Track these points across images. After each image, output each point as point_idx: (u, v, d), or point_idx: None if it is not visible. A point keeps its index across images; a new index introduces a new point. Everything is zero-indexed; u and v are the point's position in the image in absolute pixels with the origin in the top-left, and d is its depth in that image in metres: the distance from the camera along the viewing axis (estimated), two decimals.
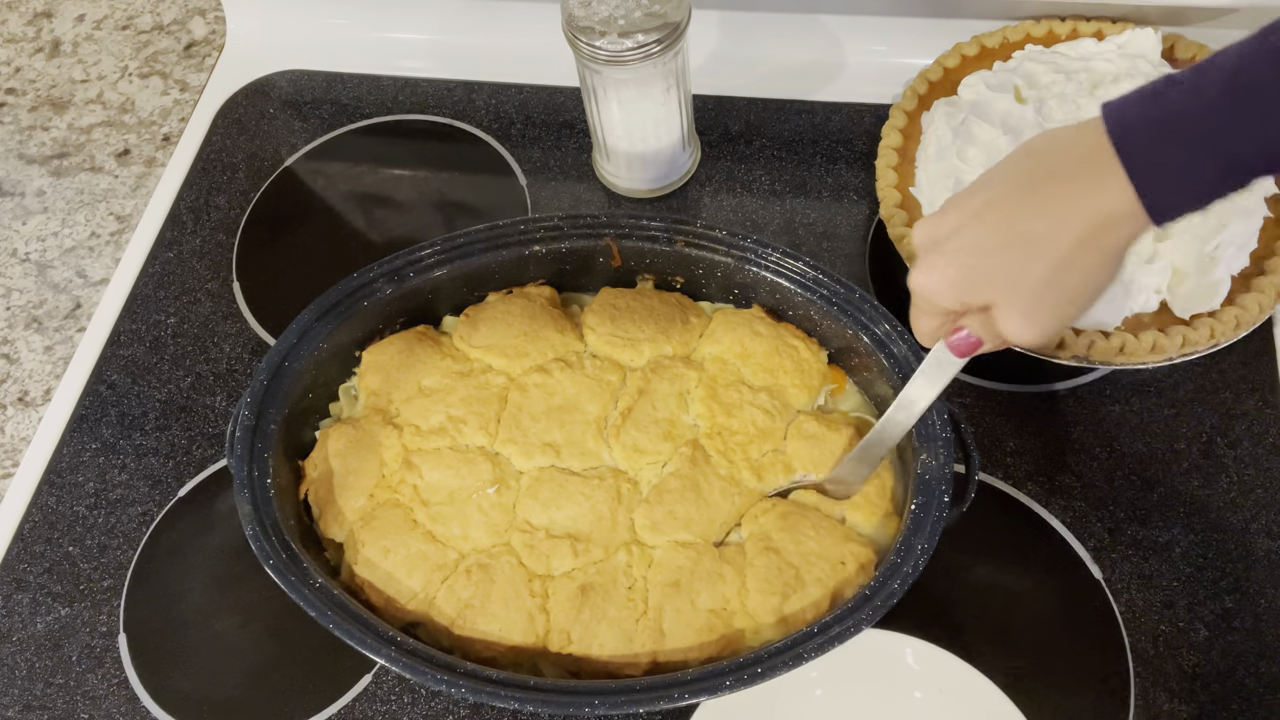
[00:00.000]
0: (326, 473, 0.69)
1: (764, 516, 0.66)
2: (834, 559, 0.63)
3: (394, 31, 0.99)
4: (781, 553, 0.64)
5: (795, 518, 0.65)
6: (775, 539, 0.64)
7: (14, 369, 0.88)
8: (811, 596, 0.62)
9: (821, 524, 0.65)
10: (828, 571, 0.63)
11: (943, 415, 0.63)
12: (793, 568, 0.63)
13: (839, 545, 0.64)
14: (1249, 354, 0.75)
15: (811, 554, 0.64)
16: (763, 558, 0.64)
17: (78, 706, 0.70)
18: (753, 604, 0.63)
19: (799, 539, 0.64)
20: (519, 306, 0.74)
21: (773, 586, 0.63)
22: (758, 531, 0.65)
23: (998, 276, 0.51)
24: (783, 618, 0.62)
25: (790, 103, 0.91)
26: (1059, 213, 0.50)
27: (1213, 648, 0.65)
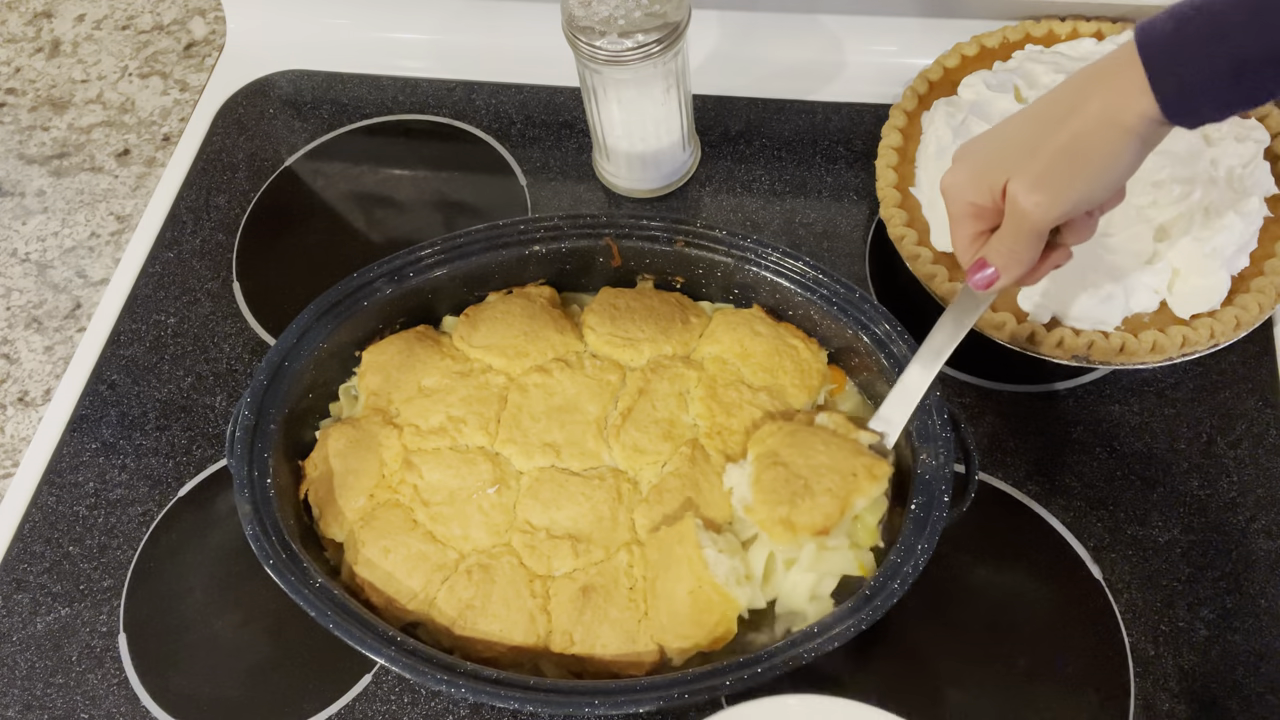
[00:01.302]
0: (326, 473, 0.69)
1: (771, 438, 0.65)
2: (845, 471, 0.62)
3: (394, 31, 0.99)
4: (790, 466, 0.63)
5: (804, 434, 0.64)
6: (783, 454, 0.63)
7: (14, 369, 0.88)
8: (821, 506, 0.61)
9: (832, 440, 0.64)
10: (839, 482, 0.62)
11: (943, 415, 0.63)
12: (801, 479, 0.62)
13: (851, 458, 0.63)
14: (1249, 354, 0.75)
15: (821, 466, 0.62)
16: (770, 471, 0.63)
17: (78, 706, 0.70)
18: (760, 515, 0.62)
19: (808, 453, 0.63)
20: (519, 306, 0.74)
21: (779, 496, 0.61)
22: (764, 451, 0.64)
23: (1014, 151, 0.55)
24: (790, 525, 0.61)
25: (790, 103, 0.91)
26: (1079, 96, 0.52)
27: (1213, 648, 0.65)
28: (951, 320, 0.63)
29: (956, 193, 0.58)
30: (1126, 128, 0.51)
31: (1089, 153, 0.52)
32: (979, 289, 0.60)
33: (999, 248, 0.58)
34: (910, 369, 0.64)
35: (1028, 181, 0.54)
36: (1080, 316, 0.71)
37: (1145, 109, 0.50)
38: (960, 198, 0.58)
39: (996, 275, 0.59)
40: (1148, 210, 0.72)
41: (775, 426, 0.66)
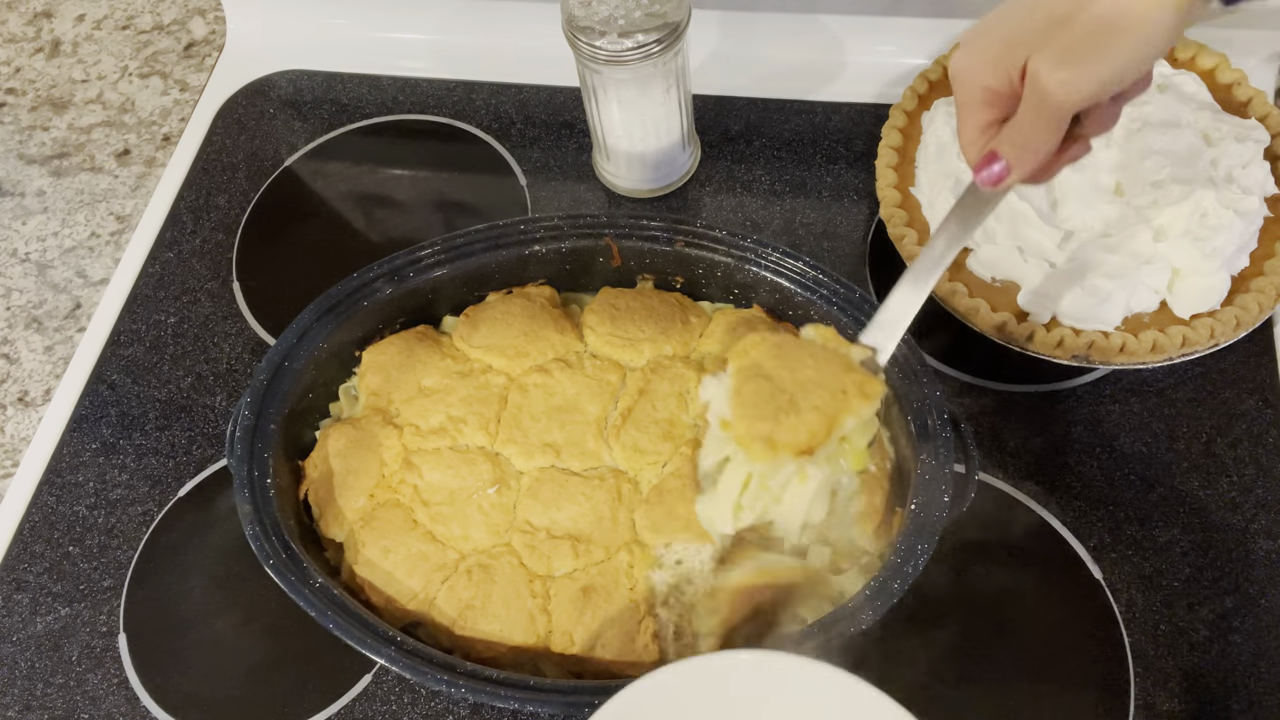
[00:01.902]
0: (326, 473, 0.69)
1: (755, 349, 0.59)
2: (835, 387, 0.57)
3: (394, 31, 0.99)
4: (774, 379, 0.57)
5: (791, 347, 0.59)
6: (767, 367, 0.58)
7: (14, 369, 0.87)
8: (807, 423, 0.55)
9: (821, 354, 0.58)
10: (827, 399, 0.56)
11: (943, 415, 0.63)
12: (786, 393, 0.56)
13: (841, 374, 0.57)
14: (1249, 354, 0.75)
15: (809, 381, 0.57)
16: (752, 384, 0.57)
17: (78, 706, 0.70)
18: (739, 430, 0.56)
19: (795, 367, 0.57)
20: (519, 306, 0.74)
21: (761, 411, 0.56)
22: (747, 364, 0.58)
23: (1037, 25, 0.49)
24: (772, 443, 0.56)
25: (790, 103, 0.91)
26: None
27: (1213, 648, 0.65)
28: (955, 226, 0.57)
29: (968, 76, 0.52)
30: (1173, 5, 0.46)
31: (1124, 24, 0.47)
32: (987, 186, 0.54)
33: (1013, 137, 0.52)
34: (903, 282, 0.59)
35: (1053, 56, 0.48)
36: (1080, 316, 0.71)
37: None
38: (972, 81, 0.52)
39: (1008, 169, 0.52)
40: (1148, 210, 0.72)
41: (759, 338, 0.59)
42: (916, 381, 0.65)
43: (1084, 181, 0.72)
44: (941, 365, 0.76)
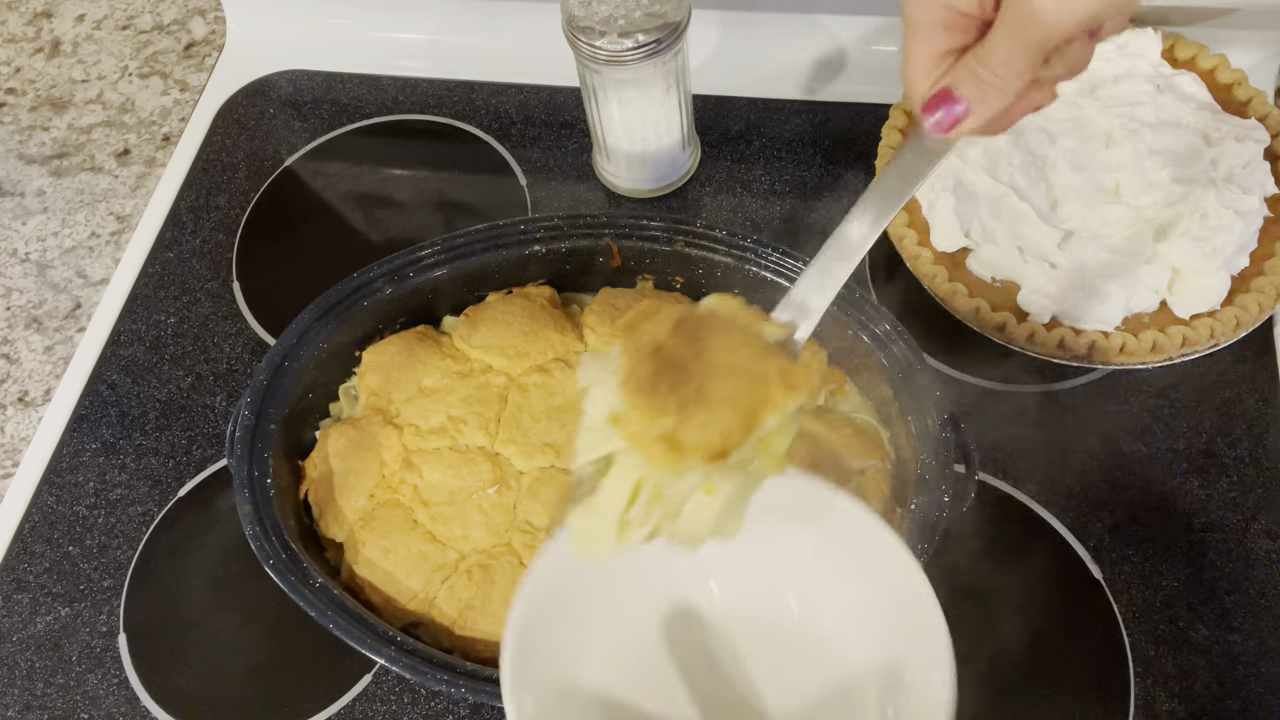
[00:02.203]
0: (326, 473, 0.69)
1: (649, 324, 0.47)
2: (753, 374, 0.46)
3: (394, 31, 0.99)
4: (675, 362, 0.46)
5: (695, 322, 0.47)
6: (668, 346, 0.46)
7: (14, 369, 0.87)
8: (719, 419, 0.44)
9: (732, 330, 0.47)
10: (743, 390, 0.45)
11: (943, 415, 0.63)
12: (691, 380, 0.45)
13: (760, 358, 0.47)
14: (1249, 354, 0.75)
15: (719, 366, 0.46)
16: (648, 365, 0.45)
17: (78, 706, 0.70)
18: (633, 426, 0.45)
19: (700, 347, 0.46)
20: (519, 306, 0.74)
21: (662, 403, 0.44)
22: (641, 342, 0.47)
23: None
24: (676, 444, 0.44)
25: (790, 103, 0.91)
26: None
27: (1213, 648, 0.65)
28: (878, 199, 0.48)
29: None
30: None
31: None
32: (939, 131, 0.44)
33: (978, 69, 0.42)
34: (830, 244, 0.49)
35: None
36: (1080, 316, 0.71)
37: None
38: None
39: (967, 111, 0.43)
40: (1147, 210, 0.72)
41: (652, 306, 0.48)
42: (916, 381, 0.65)
43: (1084, 181, 0.72)
44: (941, 365, 0.76)
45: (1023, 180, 0.74)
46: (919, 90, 0.44)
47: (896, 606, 0.52)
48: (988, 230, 0.73)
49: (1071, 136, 0.75)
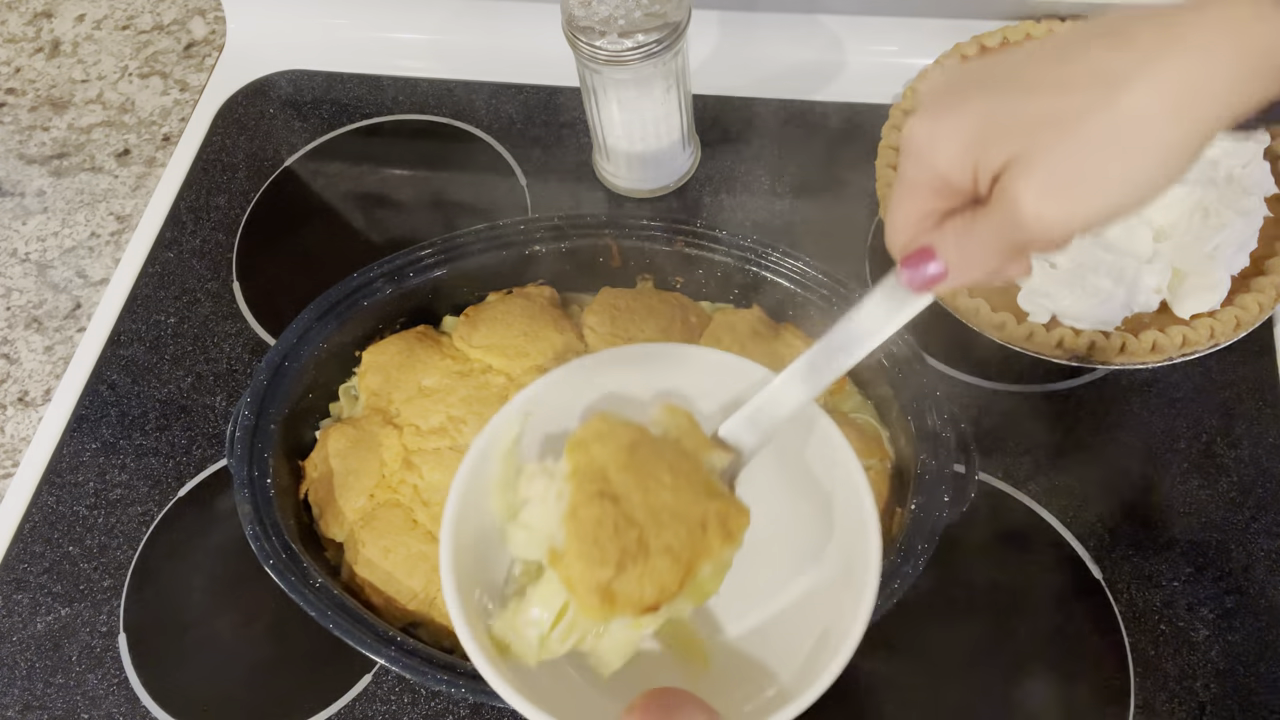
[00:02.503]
0: (326, 473, 0.69)
1: (600, 449, 0.46)
2: (694, 519, 0.46)
3: (394, 31, 0.99)
4: (622, 503, 0.45)
5: (645, 453, 0.47)
6: (615, 482, 0.45)
7: (14, 369, 0.87)
8: (656, 573, 0.44)
9: (680, 464, 0.47)
10: (683, 538, 0.45)
11: (943, 415, 0.63)
12: (635, 527, 0.44)
13: (702, 499, 0.46)
14: (1249, 354, 0.75)
15: (663, 509, 0.45)
16: (593, 507, 0.45)
17: (78, 706, 0.70)
18: (572, 571, 0.44)
19: (649, 484, 0.46)
20: (519, 306, 0.74)
21: (603, 552, 0.44)
22: (589, 468, 0.46)
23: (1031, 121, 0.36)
24: (610, 597, 0.44)
25: (790, 103, 0.91)
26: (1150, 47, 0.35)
27: (1213, 648, 0.65)
28: (863, 325, 0.49)
29: (926, 154, 0.40)
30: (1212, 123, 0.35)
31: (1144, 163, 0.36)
32: (913, 288, 0.44)
33: (963, 243, 0.41)
34: (789, 378, 0.49)
35: (1040, 182, 0.37)
36: (1080, 316, 0.71)
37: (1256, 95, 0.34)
38: (928, 162, 0.40)
39: (944, 274, 0.42)
40: (1147, 210, 0.71)
41: (605, 427, 0.47)
42: (916, 381, 0.65)
43: None
44: (941, 365, 0.76)
45: None
46: (899, 242, 0.44)
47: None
48: None
49: None
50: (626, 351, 0.58)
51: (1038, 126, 0.37)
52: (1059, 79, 0.36)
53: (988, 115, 0.38)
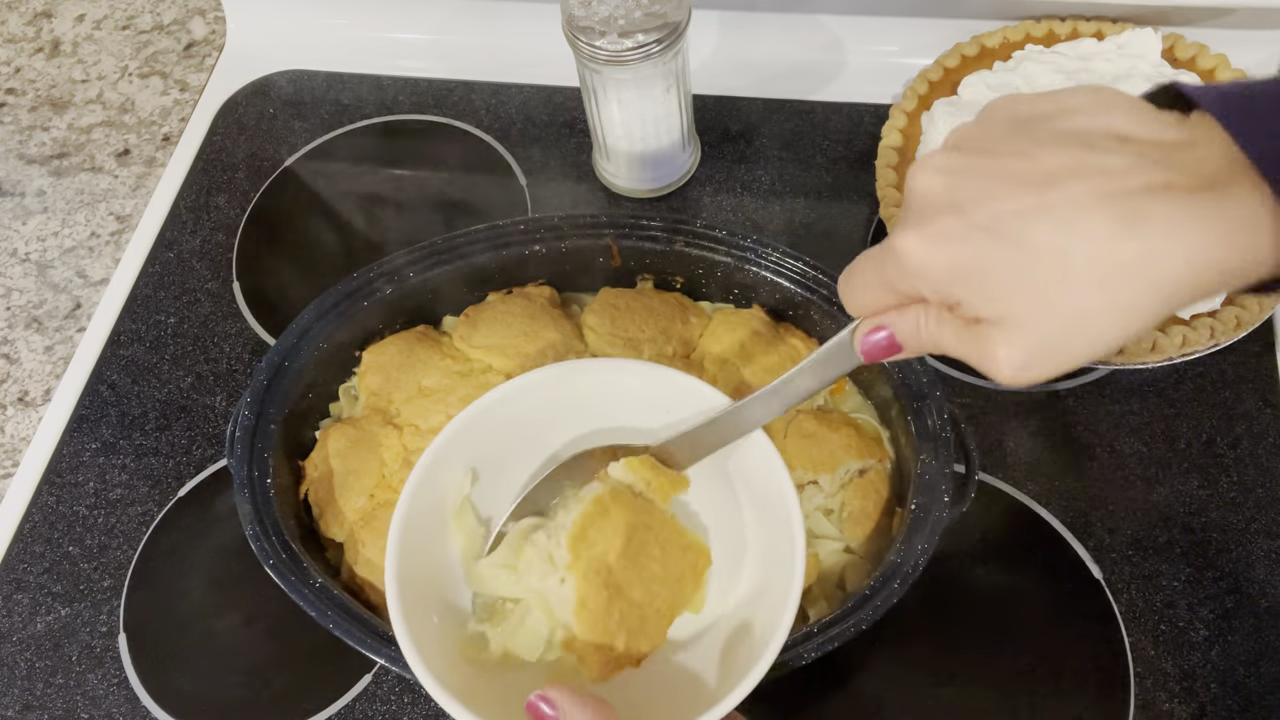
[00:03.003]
0: (326, 473, 0.69)
1: (602, 541, 0.51)
2: (674, 577, 0.53)
3: (394, 31, 0.99)
4: (625, 590, 0.51)
5: (639, 537, 0.52)
6: (617, 572, 0.51)
7: (14, 369, 0.88)
8: (649, 634, 0.51)
9: (665, 534, 0.53)
10: (668, 598, 0.52)
11: (943, 415, 0.63)
12: (636, 607, 0.51)
13: (680, 556, 0.53)
14: (1249, 354, 0.75)
15: (654, 579, 0.52)
16: (600, 595, 0.50)
17: (78, 706, 0.70)
18: (584, 650, 0.51)
19: (643, 565, 0.52)
20: (519, 306, 0.73)
21: (611, 632, 0.50)
22: (594, 565, 0.51)
23: (1029, 287, 0.35)
24: (615, 662, 0.51)
25: (790, 103, 0.91)
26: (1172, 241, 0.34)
27: (1213, 648, 0.65)
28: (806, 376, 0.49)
29: (914, 273, 0.38)
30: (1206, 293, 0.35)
31: (1122, 332, 0.35)
32: (867, 356, 0.43)
33: (922, 339, 0.41)
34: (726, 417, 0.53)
35: (1021, 349, 0.36)
36: None
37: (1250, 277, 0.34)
38: (911, 282, 0.39)
39: (897, 349, 0.42)
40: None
41: (599, 509, 0.52)
42: (916, 381, 0.65)
43: None
44: (941, 365, 0.76)
45: None
46: (856, 307, 0.43)
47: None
48: None
49: None
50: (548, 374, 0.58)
51: (1032, 297, 0.36)
52: (1066, 248, 0.34)
53: (986, 261, 0.36)
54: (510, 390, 0.57)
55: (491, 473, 0.58)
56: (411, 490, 0.54)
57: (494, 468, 0.58)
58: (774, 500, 0.54)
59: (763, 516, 0.56)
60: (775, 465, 0.54)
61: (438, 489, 0.56)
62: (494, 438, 0.57)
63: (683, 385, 0.56)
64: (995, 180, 0.36)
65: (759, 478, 0.55)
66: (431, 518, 0.56)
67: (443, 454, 0.56)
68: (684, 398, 0.56)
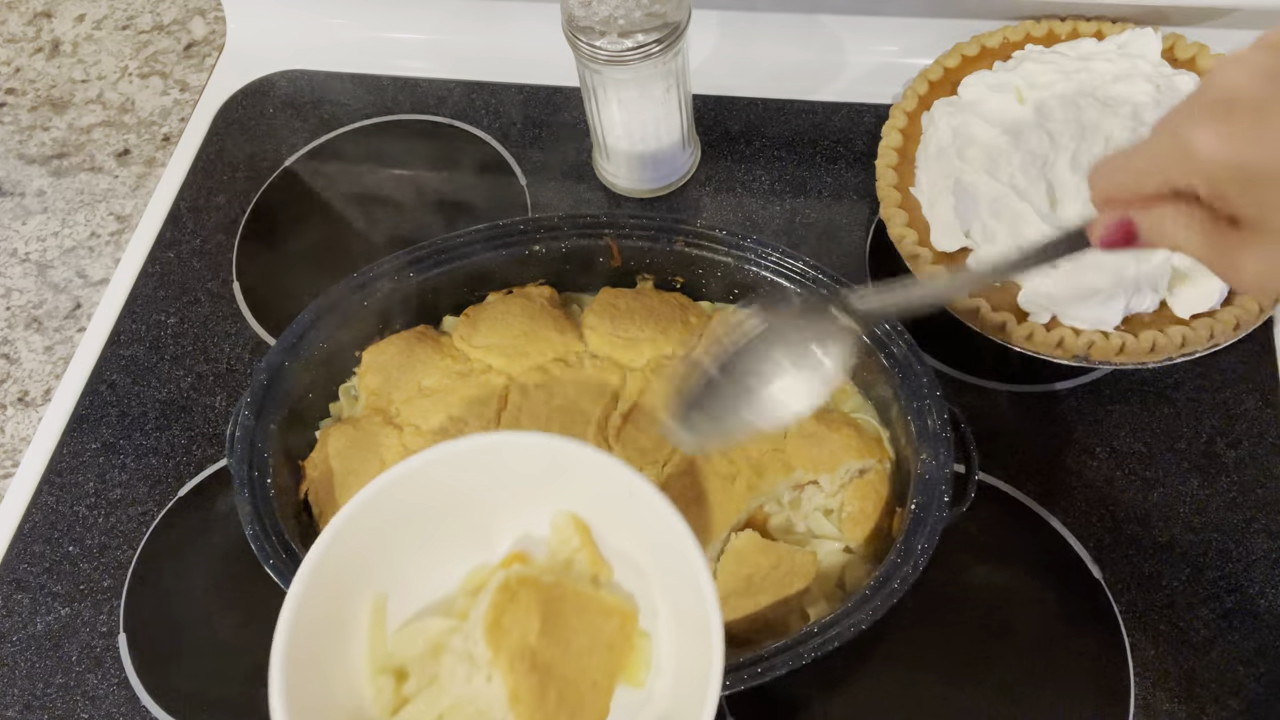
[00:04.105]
0: (327, 473, 0.69)
1: (517, 627, 0.50)
2: (603, 646, 0.52)
3: (394, 31, 0.99)
4: (554, 669, 0.50)
5: (555, 614, 0.52)
6: (541, 653, 0.50)
7: (14, 369, 0.87)
8: (591, 708, 0.51)
9: (586, 605, 0.53)
10: (602, 669, 0.52)
11: (943, 415, 0.63)
12: (571, 684, 0.50)
13: (603, 623, 0.53)
14: (1249, 354, 0.75)
15: (583, 650, 0.51)
16: (529, 681, 0.49)
17: (78, 706, 0.70)
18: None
19: (568, 640, 0.51)
20: (519, 306, 0.74)
21: (552, 715, 0.50)
22: (516, 652, 0.50)
23: None
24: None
25: (790, 103, 0.91)
26: None
27: (1213, 648, 0.65)
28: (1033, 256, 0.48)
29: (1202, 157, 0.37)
30: None
31: None
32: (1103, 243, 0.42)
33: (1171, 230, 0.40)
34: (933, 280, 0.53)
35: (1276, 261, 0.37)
36: (1080, 316, 0.71)
37: None
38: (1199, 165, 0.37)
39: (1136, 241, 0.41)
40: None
41: (506, 594, 0.51)
42: (916, 382, 0.65)
43: (1084, 181, 0.72)
44: (941, 365, 0.76)
45: (1023, 180, 0.74)
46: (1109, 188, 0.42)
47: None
48: (988, 230, 0.73)
49: (1072, 136, 0.75)
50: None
51: None
52: None
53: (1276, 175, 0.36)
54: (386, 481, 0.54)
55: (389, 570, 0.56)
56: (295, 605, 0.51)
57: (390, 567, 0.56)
58: (685, 579, 0.51)
59: (676, 600, 0.54)
60: (686, 542, 0.51)
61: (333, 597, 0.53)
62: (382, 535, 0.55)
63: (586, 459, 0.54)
64: None
65: (666, 554, 0.52)
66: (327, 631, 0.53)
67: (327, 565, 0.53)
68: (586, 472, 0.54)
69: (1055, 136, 0.75)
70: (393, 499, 0.54)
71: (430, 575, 0.57)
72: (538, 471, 0.55)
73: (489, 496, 0.56)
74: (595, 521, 0.56)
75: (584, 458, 0.54)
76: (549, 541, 0.57)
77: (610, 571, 0.56)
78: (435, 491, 0.55)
